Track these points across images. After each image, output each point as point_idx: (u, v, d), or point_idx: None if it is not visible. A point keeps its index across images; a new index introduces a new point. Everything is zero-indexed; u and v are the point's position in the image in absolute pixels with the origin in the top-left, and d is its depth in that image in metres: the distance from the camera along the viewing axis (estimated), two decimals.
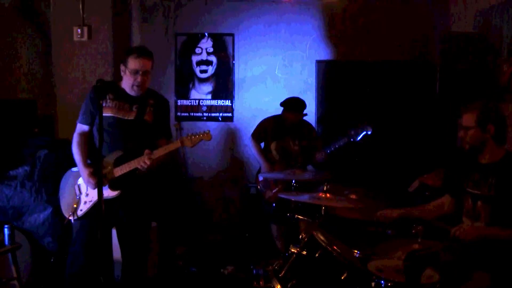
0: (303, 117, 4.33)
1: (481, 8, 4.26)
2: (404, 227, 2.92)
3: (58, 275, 3.71)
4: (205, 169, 5.36)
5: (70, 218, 3.04)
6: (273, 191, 4.15)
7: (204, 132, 3.08)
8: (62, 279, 3.14)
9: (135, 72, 2.98)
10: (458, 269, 2.42)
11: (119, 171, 3.00)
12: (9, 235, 3.16)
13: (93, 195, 3.00)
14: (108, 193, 2.99)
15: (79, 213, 3.04)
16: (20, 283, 3.19)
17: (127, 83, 3.04)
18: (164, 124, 3.23)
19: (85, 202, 3.05)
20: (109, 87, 3.06)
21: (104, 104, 2.98)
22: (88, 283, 3.01)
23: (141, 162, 2.94)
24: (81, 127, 3.11)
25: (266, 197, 4.21)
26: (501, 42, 3.89)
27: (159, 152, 2.99)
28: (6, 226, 3.16)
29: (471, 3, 4.54)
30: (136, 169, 2.98)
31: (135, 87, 3.03)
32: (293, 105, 4.27)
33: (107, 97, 3.03)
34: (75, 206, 3.05)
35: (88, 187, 3.06)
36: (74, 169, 3.16)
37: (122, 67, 3.06)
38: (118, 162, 3.01)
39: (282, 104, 4.31)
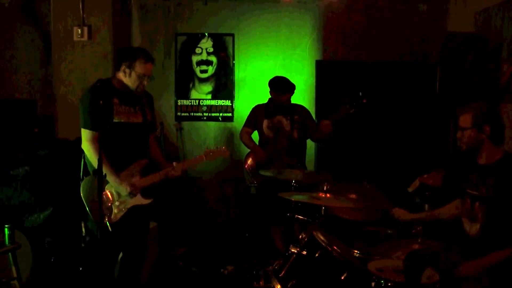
0: (291, 95, 4.33)
1: (481, 8, 4.25)
2: (404, 227, 2.93)
3: (58, 275, 3.72)
4: (205, 169, 5.36)
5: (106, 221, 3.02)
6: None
7: (224, 149, 3.44)
8: (62, 279, 3.14)
9: (142, 76, 3.05)
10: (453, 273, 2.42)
11: (149, 181, 3.11)
12: (9, 235, 3.15)
13: (127, 202, 3.06)
14: (141, 201, 3.09)
15: (113, 220, 3.03)
16: (20, 283, 3.18)
17: (131, 84, 3.08)
18: (155, 119, 3.39)
19: (119, 210, 3.06)
20: (111, 91, 3.03)
21: (114, 110, 3.01)
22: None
23: (173, 172, 3.15)
24: (92, 134, 2.99)
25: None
26: (501, 42, 3.89)
27: (187, 164, 3.36)
28: (6, 226, 3.15)
29: (471, 3, 4.54)
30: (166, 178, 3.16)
31: (139, 89, 3.10)
32: (278, 85, 4.28)
33: (113, 101, 3.02)
34: (107, 213, 3.02)
35: (121, 195, 3.06)
36: None
37: (126, 70, 3.04)
38: (145, 171, 3.12)
39: (269, 85, 4.34)
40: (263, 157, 4.26)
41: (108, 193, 3.07)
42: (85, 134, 3.03)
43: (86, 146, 3.02)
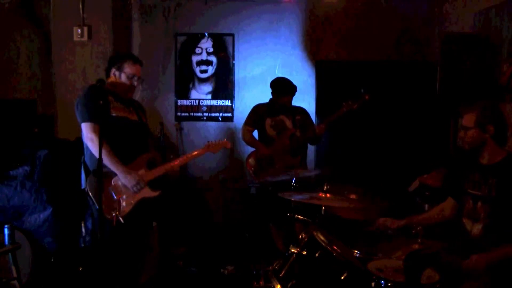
0: (292, 96, 4.35)
1: (481, 8, 4.25)
2: (404, 227, 2.92)
3: (58, 275, 3.72)
4: (205, 169, 5.36)
5: (116, 218, 2.98)
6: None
7: (225, 141, 3.47)
8: (62, 279, 3.13)
9: (132, 77, 3.14)
10: (458, 269, 2.41)
11: (155, 173, 3.16)
12: (9, 235, 3.16)
13: (133, 197, 3.06)
14: (149, 193, 3.12)
15: (122, 213, 3.02)
16: (20, 283, 3.19)
17: (122, 87, 3.14)
18: (147, 124, 3.42)
19: (127, 204, 3.05)
20: (106, 90, 3.07)
21: (110, 105, 3.05)
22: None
23: (175, 167, 3.23)
24: (95, 126, 2.98)
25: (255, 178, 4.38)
26: (501, 42, 3.89)
27: (188, 158, 3.33)
28: (6, 226, 3.16)
29: (471, 3, 4.54)
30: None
31: (130, 91, 3.18)
32: (281, 87, 4.30)
33: (109, 99, 3.05)
34: (114, 208, 3.01)
35: (127, 189, 3.05)
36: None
37: (115, 72, 3.15)
38: (150, 165, 3.17)
39: (271, 87, 4.34)
40: (266, 153, 4.26)
41: (116, 186, 3.05)
42: (87, 126, 3.00)
43: (91, 138, 2.98)
